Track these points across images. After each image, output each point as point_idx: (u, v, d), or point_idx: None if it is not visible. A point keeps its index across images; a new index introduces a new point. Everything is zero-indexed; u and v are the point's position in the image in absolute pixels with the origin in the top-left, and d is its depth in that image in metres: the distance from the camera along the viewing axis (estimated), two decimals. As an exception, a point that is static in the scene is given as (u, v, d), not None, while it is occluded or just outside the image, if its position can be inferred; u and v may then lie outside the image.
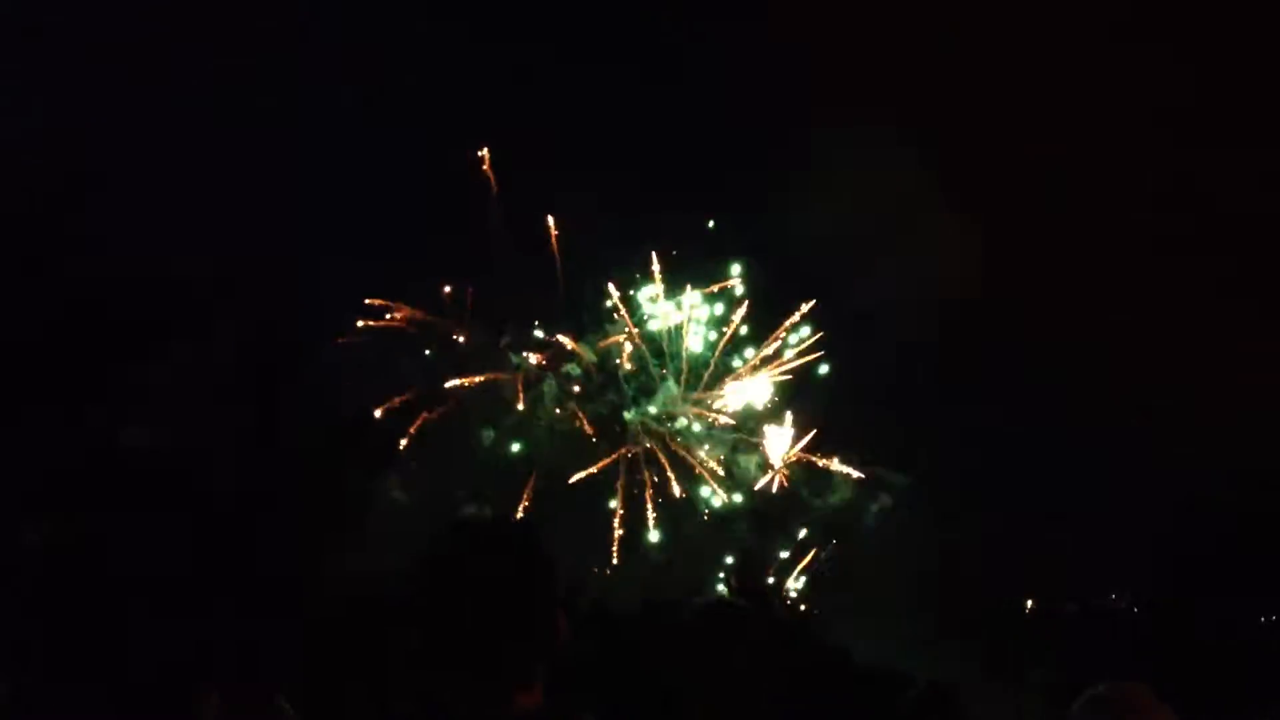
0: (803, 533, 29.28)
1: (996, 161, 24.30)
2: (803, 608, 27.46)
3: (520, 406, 28.65)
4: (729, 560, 28.54)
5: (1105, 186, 25.96)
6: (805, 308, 29.21)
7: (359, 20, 26.11)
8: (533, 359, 29.00)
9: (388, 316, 27.86)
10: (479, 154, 28.09)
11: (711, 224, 28.59)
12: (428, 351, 28.16)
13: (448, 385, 27.69)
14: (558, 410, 29.08)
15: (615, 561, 28.50)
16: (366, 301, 27.46)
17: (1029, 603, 28.52)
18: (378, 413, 25.97)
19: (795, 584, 28.97)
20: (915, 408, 27.97)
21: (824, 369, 29.53)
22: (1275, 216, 23.74)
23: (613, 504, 28.78)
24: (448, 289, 28.12)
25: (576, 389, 29.41)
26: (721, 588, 25.87)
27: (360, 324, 27.19)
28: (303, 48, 25.16)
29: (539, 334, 29.33)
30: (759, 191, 28.24)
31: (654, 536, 28.86)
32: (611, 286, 28.99)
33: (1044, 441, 27.34)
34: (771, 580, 28.09)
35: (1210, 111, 24.68)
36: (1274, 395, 22.91)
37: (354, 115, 26.44)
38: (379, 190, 26.13)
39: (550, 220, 28.24)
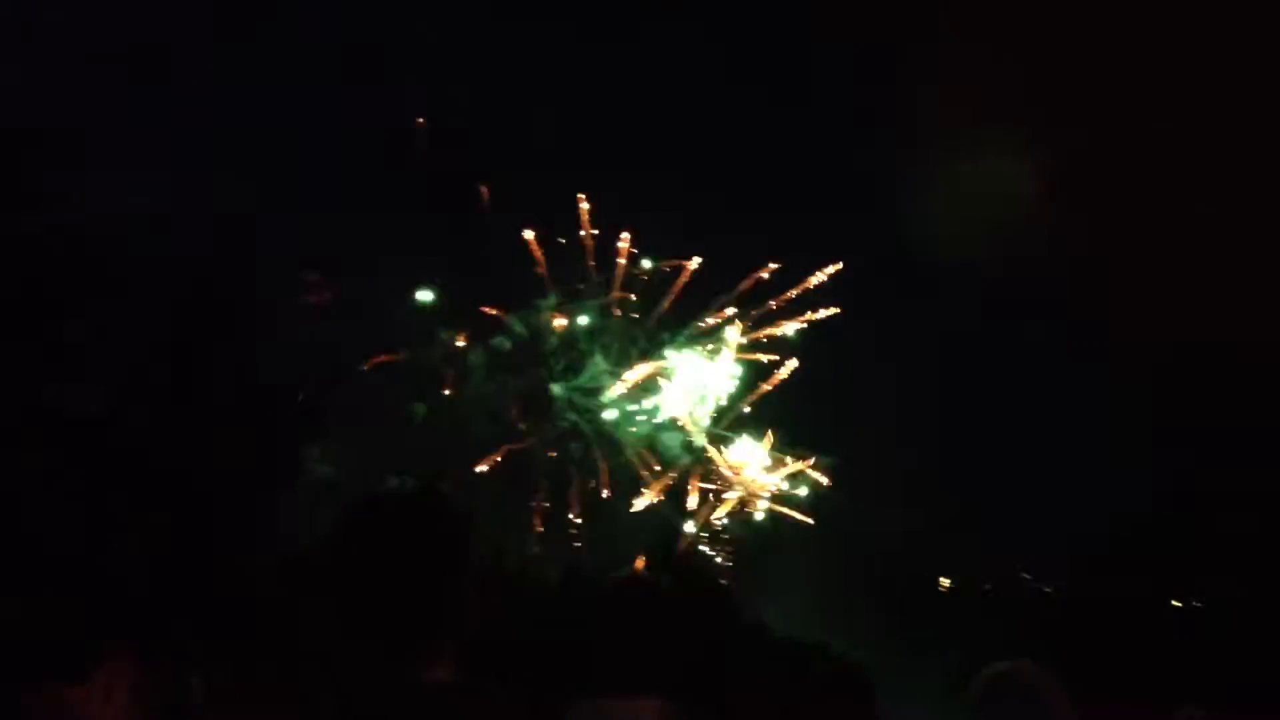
0: (723, 511, 29.48)
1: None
2: (721, 582, 27.72)
3: (447, 382, 28.54)
4: (651, 535, 28.67)
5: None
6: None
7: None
8: (460, 333, 28.86)
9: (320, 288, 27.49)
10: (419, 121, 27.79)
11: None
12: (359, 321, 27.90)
13: (378, 360, 27.46)
14: (485, 384, 28.98)
15: (538, 536, 28.52)
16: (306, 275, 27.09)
17: (944, 581, 28.99)
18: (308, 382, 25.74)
19: (718, 560, 29.22)
20: (839, 393, 28.35)
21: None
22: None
23: (537, 479, 28.82)
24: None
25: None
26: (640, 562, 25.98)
27: (307, 290, 26.83)
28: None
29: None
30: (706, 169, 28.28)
31: (576, 511, 28.92)
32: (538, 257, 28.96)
33: (970, 428, 27.84)
34: (690, 555, 28.28)
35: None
36: (1196, 394, 23.55)
37: (312, 79, 26.03)
38: (328, 158, 25.73)
39: (484, 190, 28.07)
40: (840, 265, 29.19)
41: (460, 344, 28.81)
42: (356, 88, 25.52)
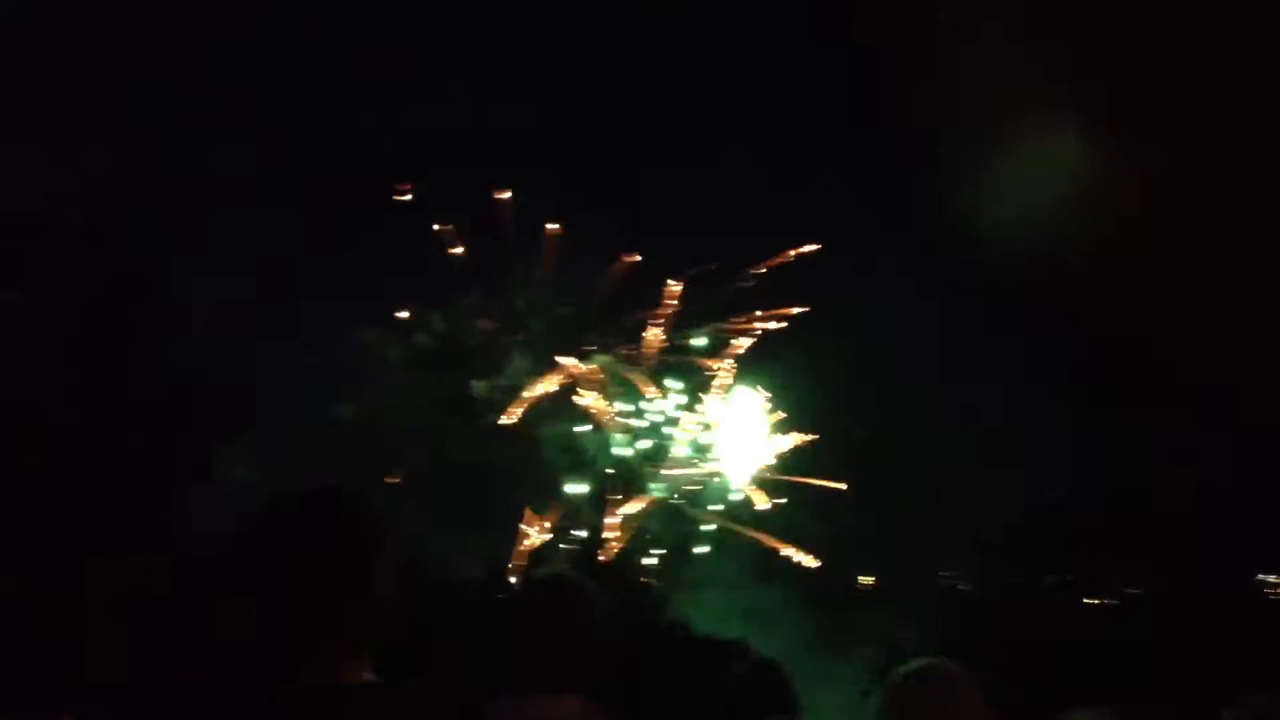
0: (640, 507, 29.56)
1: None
2: (644, 580, 27.77)
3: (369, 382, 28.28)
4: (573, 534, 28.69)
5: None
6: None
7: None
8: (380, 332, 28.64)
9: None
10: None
11: None
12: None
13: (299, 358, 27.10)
14: (407, 382, 28.75)
15: (462, 535, 28.35)
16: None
17: (864, 579, 29.30)
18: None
19: (645, 559, 29.27)
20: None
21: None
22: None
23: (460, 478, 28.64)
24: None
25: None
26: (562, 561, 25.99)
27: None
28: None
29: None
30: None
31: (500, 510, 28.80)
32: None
33: (889, 428, 28.22)
34: (614, 553, 28.31)
35: None
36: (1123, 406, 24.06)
37: (236, 78, 25.66)
38: (261, 152, 25.37)
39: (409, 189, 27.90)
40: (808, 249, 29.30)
41: (382, 342, 28.58)
42: (277, 86, 25.25)
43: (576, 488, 29.25)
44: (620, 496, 29.33)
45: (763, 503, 29.17)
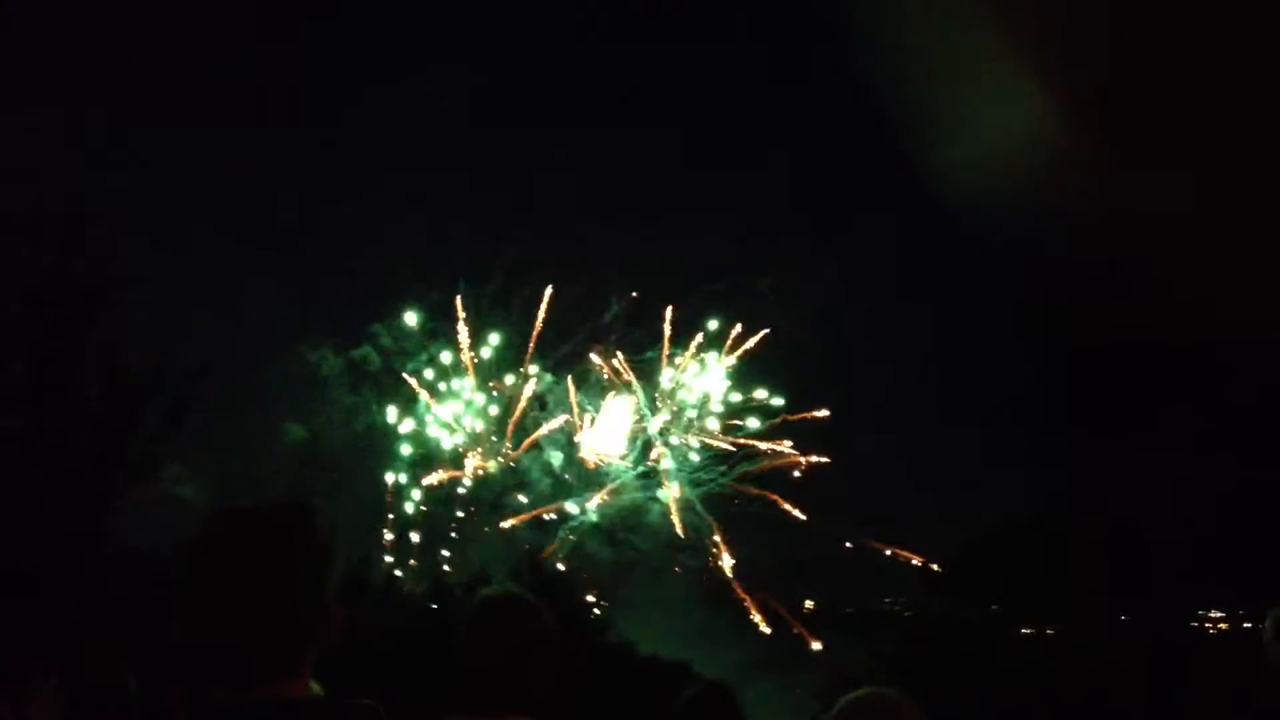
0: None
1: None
2: (589, 599, 27.73)
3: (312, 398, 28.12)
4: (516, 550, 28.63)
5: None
6: None
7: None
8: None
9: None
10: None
11: None
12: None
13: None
14: (347, 397, 28.59)
15: (405, 549, 28.25)
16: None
17: (809, 603, 29.41)
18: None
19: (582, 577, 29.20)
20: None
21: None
22: None
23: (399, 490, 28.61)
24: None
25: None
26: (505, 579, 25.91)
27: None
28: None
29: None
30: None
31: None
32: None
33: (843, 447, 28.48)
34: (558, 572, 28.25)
35: None
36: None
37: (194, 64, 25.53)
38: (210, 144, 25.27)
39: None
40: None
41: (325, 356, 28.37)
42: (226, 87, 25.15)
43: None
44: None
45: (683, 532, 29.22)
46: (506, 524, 28.98)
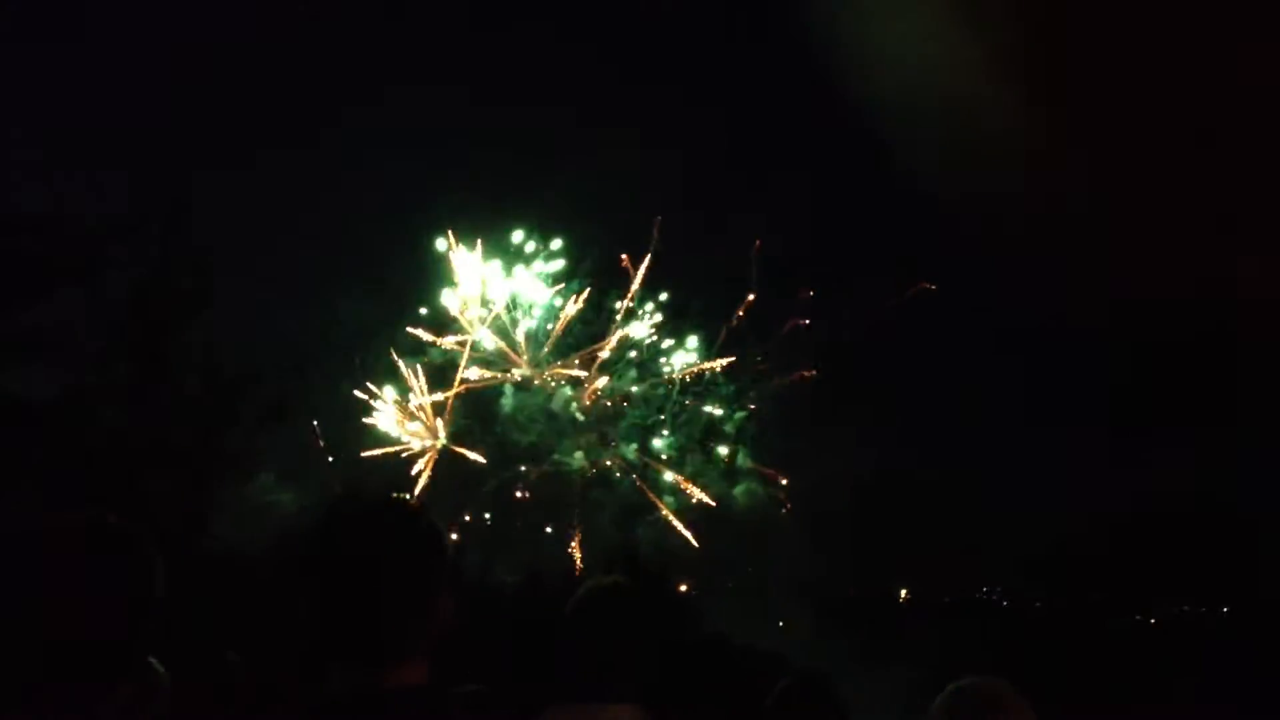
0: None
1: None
2: (683, 589, 27.77)
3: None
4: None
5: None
6: None
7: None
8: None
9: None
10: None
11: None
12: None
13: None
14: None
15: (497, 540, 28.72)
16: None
17: (904, 593, 29.07)
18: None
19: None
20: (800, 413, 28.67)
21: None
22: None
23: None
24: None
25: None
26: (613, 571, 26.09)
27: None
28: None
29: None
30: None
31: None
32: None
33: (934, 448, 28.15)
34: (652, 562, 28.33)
35: None
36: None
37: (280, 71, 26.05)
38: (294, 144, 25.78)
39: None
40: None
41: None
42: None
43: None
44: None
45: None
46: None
